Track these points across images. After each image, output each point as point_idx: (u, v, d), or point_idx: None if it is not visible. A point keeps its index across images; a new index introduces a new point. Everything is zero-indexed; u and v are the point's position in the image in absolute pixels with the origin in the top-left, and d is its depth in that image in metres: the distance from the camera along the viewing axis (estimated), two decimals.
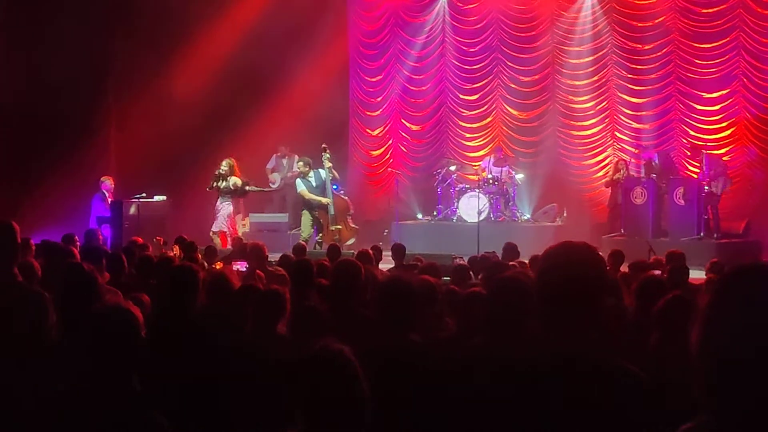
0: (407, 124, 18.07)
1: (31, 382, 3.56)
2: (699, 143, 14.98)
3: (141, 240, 9.55)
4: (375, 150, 18.32)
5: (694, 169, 14.78)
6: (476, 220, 14.40)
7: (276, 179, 16.72)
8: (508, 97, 17.06)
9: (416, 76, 17.84)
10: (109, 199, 14.19)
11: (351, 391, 2.50)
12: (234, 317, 4.78)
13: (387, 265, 9.58)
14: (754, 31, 14.86)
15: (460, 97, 17.57)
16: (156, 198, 14.47)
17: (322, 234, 13.77)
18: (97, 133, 15.90)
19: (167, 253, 9.32)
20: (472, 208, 15.03)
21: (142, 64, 16.05)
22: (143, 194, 14.31)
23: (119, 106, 16.33)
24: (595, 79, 16.26)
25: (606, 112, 16.22)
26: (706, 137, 15.19)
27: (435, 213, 16.13)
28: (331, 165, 13.88)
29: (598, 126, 16.30)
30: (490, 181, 15.36)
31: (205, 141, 15.87)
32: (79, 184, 14.71)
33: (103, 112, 16.12)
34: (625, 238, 13.88)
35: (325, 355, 2.54)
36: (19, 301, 4.07)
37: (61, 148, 14.80)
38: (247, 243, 9.74)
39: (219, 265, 8.80)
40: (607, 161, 16.08)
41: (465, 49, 17.46)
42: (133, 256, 7.60)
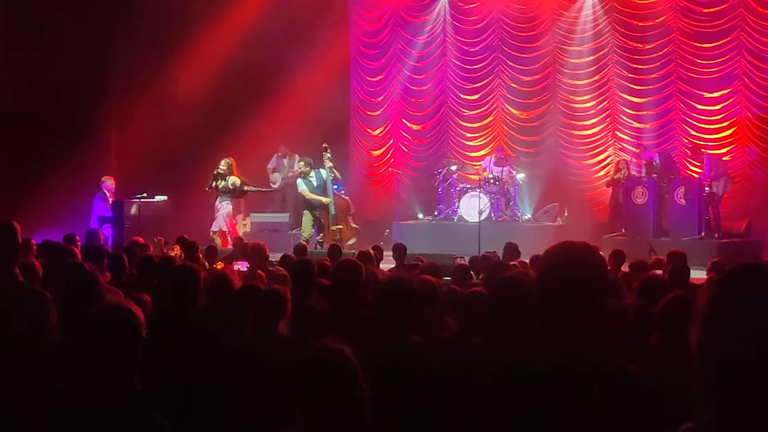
0: (408, 124, 18.06)
1: (32, 382, 3.56)
2: (700, 143, 14.98)
3: (142, 240, 9.55)
4: (376, 150, 18.32)
5: (695, 169, 14.77)
6: (477, 220, 14.38)
7: (277, 179, 16.71)
8: (509, 96, 17.05)
9: (417, 76, 17.83)
10: (110, 199, 14.20)
11: (351, 391, 2.50)
12: (235, 317, 4.78)
13: (388, 265, 9.58)
14: (755, 31, 14.85)
15: (461, 96, 17.56)
16: (157, 198, 14.48)
17: (323, 234, 13.77)
18: (97, 133, 15.90)
19: (168, 253, 9.33)
20: (473, 207, 15.02)
21: (142, 64, 16.05)
22: (144, 194, 14.31)
23: (120, 106, 16.33)
24: (596, 78, 16.24)
25: (607, 112, 16.21)
26: (707, 137, 15.19)
27: (436, 213, 16.11)
28: (332, 165, 13.88)
29: (599, 126, 16.28)
30: (491, 181, 15.36)
31: (206, 141, 15.87)
32: (80, 184, 14.71)
33: (104, 112, 16.11)
34: (626, 237, 13.87)
35: (324, 355, 2.54)
36: (20, 301, 4.07)
37: (62, 148, 14.80)
38: (248, 243, 9.73)
39: (220, 265, 8.79)
40: (608, 161, 16.06)
41: (466, 48, 17.45)
42: (134, 256, 7.61)
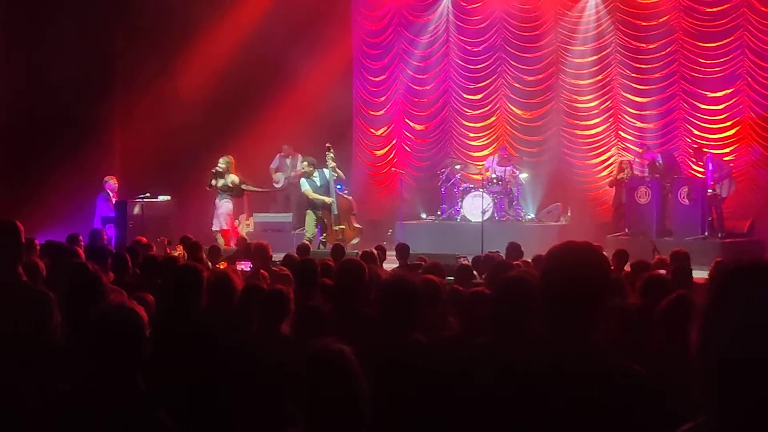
0: (411, 124, 18.06)
1: (36, 381, 3.57)
2: (703, 143, 14.95)
3: (145, 240, 9.55)
4: (379, 150, 18.31)
5: (698, 168, 14.75)
6: (480, 220, 14.36)
7: (280, 179, 16.71)
8: (512, 96, 17.04)
9: (420, 76, 17.82)
10: (114, 199, 14.20)
11: (350, 391, 2.51)
12: (238, 317, 4.79)
13: (391, 264, 9.59)
14: (758, 30, 14.82)
15: (464, 96, 17.55)
16: (160, 198, 14.47)
17: (326, 234, 13.77)
18: (100, 133, 15.90)
19: (171, 253, 9.33)
20: (476, 207, 15.01)
21: (143, 64, 16.04)
22: (147, 194, 14.31)
23: (122, 106, 16.35)
24: (599, 78, 16.22)
25: (610, 112, 16.18)
26: (710, 136, 15.16)
27: (439, 213, 16.11)
28: (335, 164, 13.87)
29: (602, 125, 16.25)
30: (494, 181, 15.35)
31: (209, 140, 15.85)
32: (83, 184, 14.72)
33: (106, 112, 16.12)
34: (629, 237, 13.84)
35: (325, 356, 2.55)
36: (24, 301, 4.07)
37: (63, 148, 14.79)
38: (251, 243, 9.74)
39: (223, 265, 8.80)
40: (611, 161, 16.03)
41: (469, 48, 17.45)
42: (138, 255, 7.62)
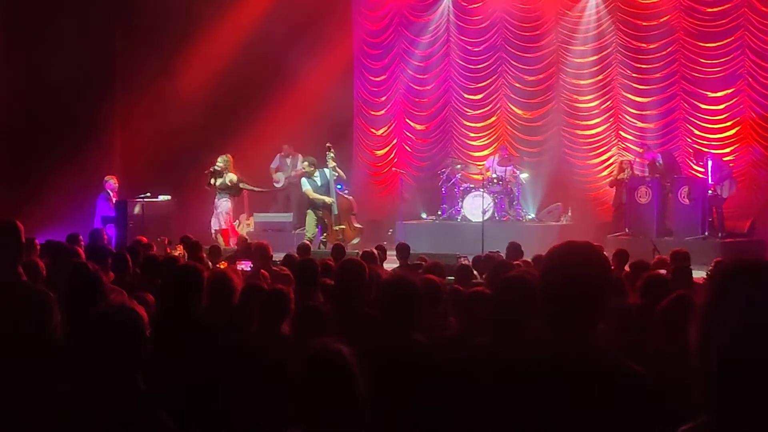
0: (412, 124, 18.06)
1: (36, 381, 3.57)
2: (703, 143, 14.95)
3: (145, 239, 9.55)
4: (379, 149, 18.31)
5: (699, 168, 14.74)
6: (481, 220, 14.36)
7: (280, 178, 16.72)
8: (513, 96, 17.04)
9: (421, 76, 17.82)
10: (114, 199, 14.20)
11: (349, 392, 2.51)
12: (238, 317, 4.78)
13: (391, 264, 9.59)
14: (759, 30, 14.80)
15: (465, 96, 17.55)
16: (160, 197, 14.48)
17: (326, 234, 13.77)
18: (100, 133, 15.91)
19: (172, 253, 9.33)
20: (476, 207, 15.01)
21: (143, 64, 16.04)
22: (148, 194, 14.31)
23: (122, 106, 16.35)
24: (600, 78, 16.21)
25: (610, 112, 16.17)
26: (711, 136, 15.15)
27: (439, 212, 16.11)
28: (336, 164, 13.87)
29: (603, 125, 16.24)
30: (495, 181, 15.35)
31: (210, 140, 15.84)
32: (83, 183, 14.73)
33: (106, 112, 16.12)
34: (629, 237, 13.84)
35: (323, 356, 2.55)
36: (24, 301, 4.07)
37: (65, 148, 14.79)
38: (252, 243, 9.74)
39: (223, 265, 8.80)
40: (611, 161, 16.02)
41: (469, 48, 17.45)
42: (138, 255, 7.62)
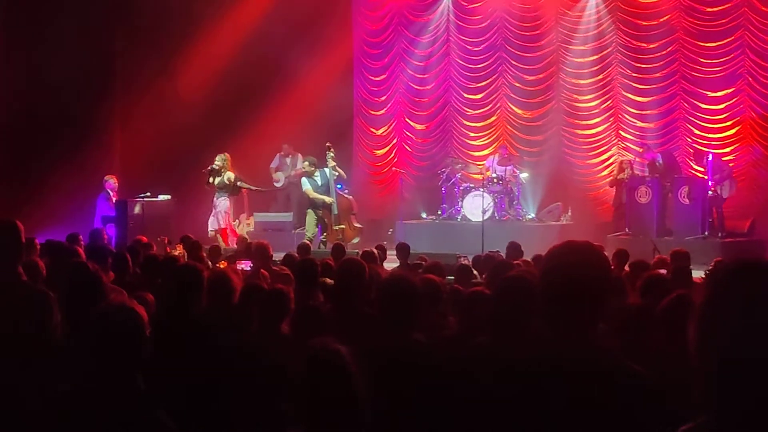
0: (412, 124, 18.06)
1: (36, 381, 3.57)
2: (703, 142, 14.95)
3: (145, 239, 9.55)
4: (379, 149, 18.32)
5: (699, 168, 14.74)
6: (481, 220, 14.36)
7: (280, 178, 16.72)
8: (513, 96, 17.04)
9: (420, 75, 17.82)
10: (114, 199, 14.20)
11: (349, 392, 2.51)
12: (238, 317, 4.78)
13: (391, 264, 9.59)
14: (759, 30, 14.80)
15: (465, 96, 17.55)
16: (160, 197, 14.47)
17: (326, 233, 13.77)
18: (99, 133, 15.91)
19: (172, 253, 9.33)
20: (476, 207, 15.01)
21: (144, 64, 16.04)
22: (147, 193, 14.31)
23: (122, 106, 16.35)
24: (600, 78, 16.21)
25: (610, 111, 16.17)
26: (711, 136, 15.15)
27: (439, 212, 16.11)
28: (336, 164, 13.87)
29: (603, 125, 16.23)
30: (495, 180, 15.35)
31: (209, 140, 15.83)
32: (83, 183, 14.73)
33: (106, 112, 16.12)
34: (629, 237, 13.84)
35: (322, 356, 2.55)
36: (24, 301, 4.07)
37: (65, 148, 14.79)
38: (252, 242, 9.74)
39: (223, 265, 8.80)
40: (611, 160, 16.01)
41: (469, 48, 17.45)
42: (138, 255, 7.62)
